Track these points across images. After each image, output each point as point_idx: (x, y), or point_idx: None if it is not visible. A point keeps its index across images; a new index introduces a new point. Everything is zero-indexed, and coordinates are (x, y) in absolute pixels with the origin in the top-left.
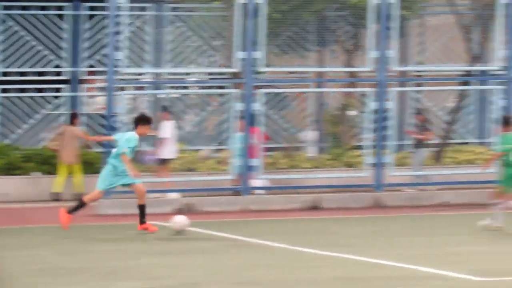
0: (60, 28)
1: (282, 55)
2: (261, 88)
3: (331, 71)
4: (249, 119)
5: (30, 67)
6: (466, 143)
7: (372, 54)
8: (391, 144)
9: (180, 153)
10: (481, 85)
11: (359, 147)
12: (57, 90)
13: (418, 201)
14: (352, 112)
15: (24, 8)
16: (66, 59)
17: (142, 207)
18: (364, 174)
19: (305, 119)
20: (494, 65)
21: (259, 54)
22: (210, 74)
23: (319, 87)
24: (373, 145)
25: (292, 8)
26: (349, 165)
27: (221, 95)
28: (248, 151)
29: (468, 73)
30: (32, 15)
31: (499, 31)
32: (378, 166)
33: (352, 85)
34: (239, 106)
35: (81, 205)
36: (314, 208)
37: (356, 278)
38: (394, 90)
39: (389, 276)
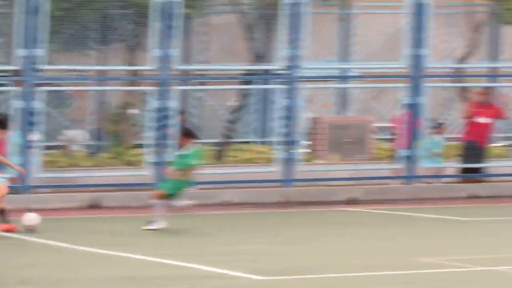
0: None
1: (64, 53)
2: (42, 86)
3: (113, 70)
4: (29, 117)
5: None
6: (248, 142)
7: (155, 52)
8: (173, 143)
9: None
10: (264, 84)
11: (141, 146)
12: None
13: (200, 200)
14: (133, 111)
15: None
16: None
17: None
18: (145, 173)
19: (86, 117)
20: (277, 65)
21: (40, 52)
22: None
23: (100, 85)
24: (154, 144)
25: (74, 6)
26: (130, 164)
27: (1, 93)
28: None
29: (251, 72)
30: None
31: (282, 31)
32: (159, 165)
33: (134, 83)
34: (19, 104)
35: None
36: (95, 206)
37: (133, 277)
38: (176, 89)
39: (170, 275)
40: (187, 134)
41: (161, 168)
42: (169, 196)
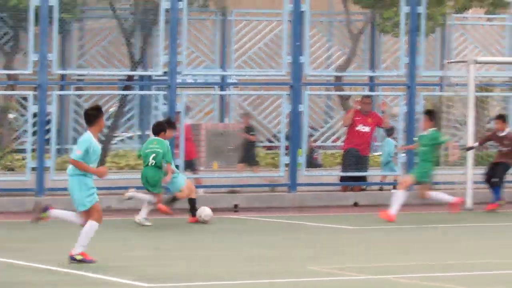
0: None
1: None
2: None
3: None
4: None
5: None
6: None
7: (32, 56)
8: (53, 148)
9: None
10: (142, 90)
11: (20, 151)
12: None
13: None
14: (12, 115)
15: None
16: None
17: None
18: (26, 178)
19: None
20: (156, 71)
21: None
22: None
23: None
24: (34, 148)
25: None
26: (10, 169)
27: None
28: None
29: (130, 78)
30: None
31: (161, 37)
32: (40, 170)
33: (11, 87)
34: None
35: None
36: None
37: (14, 283)
38: (54, 93)
39: (52, 281)
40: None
41: (41, 173)
42: None
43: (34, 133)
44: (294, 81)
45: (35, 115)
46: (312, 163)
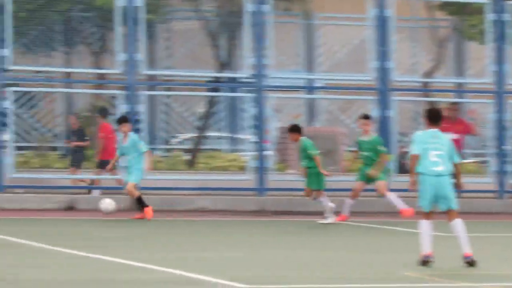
0: None
1: (28, 54)
2: (9, 87)
3: (79, 72)
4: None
5: None
6: (218, 149)
7: (121, 56)
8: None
9: None
10: (230, 92)
11: None
12: None
13: (174, 206)
14: None
15: None
16: None
17: None
18: (118, 176)
19: (54, 119)
20: (244, 73)
21: (6, 52)
22: None
23: (67, 87)
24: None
25: (37, 7)
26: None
27: None
28: None
29: (217, 80)
30: None
31: (247, 39)
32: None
33: (101, 87)
34: None
35: None
36: (70, 208)
37: (107, 280)
38: (143, 93)
39: (145, 280)
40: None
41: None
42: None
43: None
44: (381, 86)
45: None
46: (402, 169)
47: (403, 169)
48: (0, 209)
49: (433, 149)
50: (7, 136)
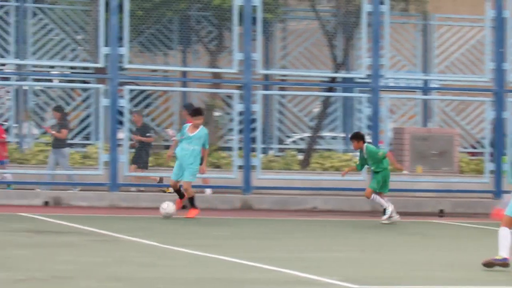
0: None
1: (145, 52)
2: (125, 85)
3: (195, 71)
4: (115, 115)
5: None
6: (332, 149)
7: (237, 56)
8: (258, 147)
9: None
10: (345, 92)
11: (225, 148)
12: None
13: (286, 205)
14: (217, 113)
15: None
16: None
17: None
18: (233, 176)
19: (169, 117)
20: (359, 73)
21: (123, 51)
22: (73, 68)
23: (183, 86)
24: (240, 147)
25: (155, 6)
26: (216, 166)
27: (84, 90)
28: None
29: (333, 80)
30: None
31: (364, 39)
32: (246, 168)
33: (217, 86)
34: (105, 101)
35: None
36: (183, 207)
37: (226, 279)
38: (259, 93)
39: (259, 279)
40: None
41: (248, 171)
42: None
43: (239, 132)
44: (497, 87)
45: (240, 113)
46: None
47: None
48: (115, 207)
49: None
50: (122, 135)
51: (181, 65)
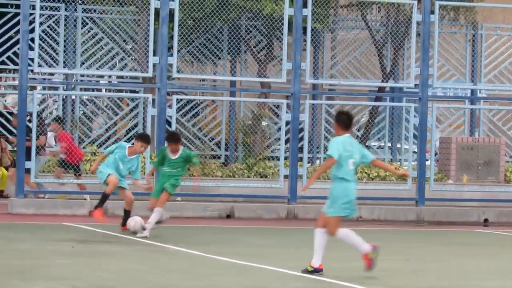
0: None
1: (194, 62)
2: (173, 94)
3: (244, 81)
4: (163, 124)
5: None
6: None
7: (286, 65)
8: (305, 156)
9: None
10: (393, 102)
11: (271, 158)
12: None
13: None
14: (264, 123)
15: None
16: None
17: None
18: (278, 185)
19: (216, 127)
20: (408, 83)
21: (172, 60)
22: (121, 77)
23: (231, 96)
24: (286, 156)
25: (205, 16)
26: (262, 176)
27: (132, 99)
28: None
29: (381, 89)
30: None
31: (413, 49)
32: (293, 177)
33: (264, 95)
34: (152, 111)
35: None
36: (228, 216)
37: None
38: (307, 102)
39: None
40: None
41: (295, 180)
42: None
43: (286, 141)
44: None
45: (286, 123)
46: None
47: None
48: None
49: None
50: None
51: (229, 74)
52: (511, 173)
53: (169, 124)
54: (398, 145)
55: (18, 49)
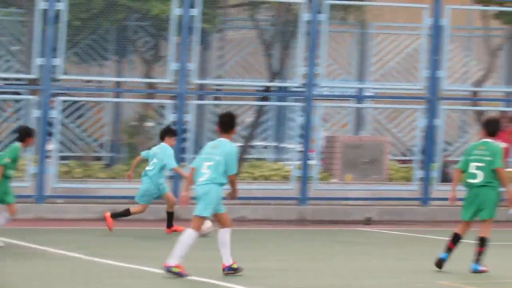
0: None
1: (80, 63)
2: (58, 96)
3: (130, 82)
4: (45, 126)
5: None
6: (263, 159)
7: (173, 66)
8: (189, 157)
9: None
10: (280, 101)
11: None
12: None
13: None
14: (149, 124)
15: None
16: None
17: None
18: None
19: (101, 128)
20: (294, 82)
21: (58, 61)
22: (5, 79)
23: (117, 97)
24: None
25: (92, 16)
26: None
27: (16, 101)
28: None
29: (268, 89)
30: None
31: (300, 48)
32: (176, 178)
33: (150, 96)
34: (36, 113)
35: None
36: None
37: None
38: (193, 103)
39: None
40: None
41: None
42: None
43: None
44: (430, 95)
45: (172, 124)
46: (445, 178)
47: (446, 178)
48: (41, 219)
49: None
50: (52, 146)
51: (115, 75)
52: (395, 172)
53: (51, 125)
54: (284, 145)
55: None
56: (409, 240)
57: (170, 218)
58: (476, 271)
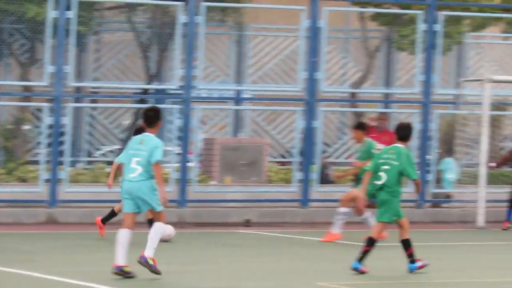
0: None
1: None
2: None
3: (6, 84)
4: None
5: None
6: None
7: (49, 68)
8: (66, 160)
9: None
10: (157, 103)
11: (34, 162)
12: None
13: (93, 218)
14: (26, 127)
15: None
16: None
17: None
18: (39, 189)
19: None
20: (172, 84)
21: None
22: None
23: None
24: (47, 160)
25: None
26: (23, 180)
27: None
28: None
29: (145, 91)
30: None
31: (178, 51)
32: (53, 181)
33: (27, 99)
34: None
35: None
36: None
37: None
38: (69, 105)
39: None
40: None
41: (54, 185)
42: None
43: (48, 145)
44: (309, 97)
45: (49, 127)
46: (324, 179)
47: (325, 179)
48: None
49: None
50: None
51: None
52: (275, 173)
53: None
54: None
55: None
56: (289, 241)
57: (111, 216)
58: (412, 271)
